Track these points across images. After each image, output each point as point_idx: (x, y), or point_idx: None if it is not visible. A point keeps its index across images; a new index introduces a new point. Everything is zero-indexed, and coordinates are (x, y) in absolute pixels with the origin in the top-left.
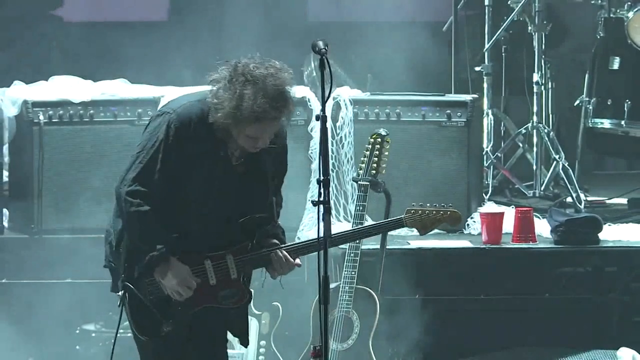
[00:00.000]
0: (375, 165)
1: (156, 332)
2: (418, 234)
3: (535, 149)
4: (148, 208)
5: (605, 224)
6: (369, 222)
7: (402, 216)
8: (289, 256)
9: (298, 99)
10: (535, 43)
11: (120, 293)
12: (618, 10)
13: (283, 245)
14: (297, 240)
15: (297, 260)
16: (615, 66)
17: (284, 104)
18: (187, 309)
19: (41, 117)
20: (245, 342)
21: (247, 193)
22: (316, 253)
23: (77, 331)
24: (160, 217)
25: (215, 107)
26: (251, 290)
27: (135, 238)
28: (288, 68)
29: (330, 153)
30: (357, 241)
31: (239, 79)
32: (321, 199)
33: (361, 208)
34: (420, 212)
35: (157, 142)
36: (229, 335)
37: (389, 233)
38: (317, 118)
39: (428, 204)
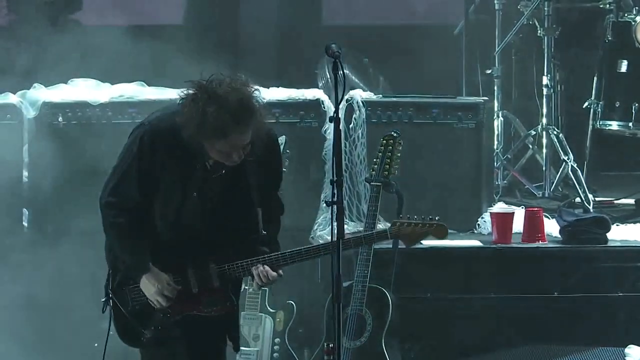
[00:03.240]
0: (387, 166)
1: (137, 340)
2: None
3: (544, 150)
4: (123, 220)
5: (613, 224)
6: (381, 222)
7: (388, 228)
8: (269, 269)
9: (312, 101)
10: (544, 46)
11: (103, 300)
12: (626, 15)
13: (267, 256)
14: (310, 240)
15: (280, 271)
16: (623, 69)
17: (248, 117)
18: (170, 316)
19: (60, 119)
20: (236, 348)
21: (229, 203)
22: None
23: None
24: (141, 227)
25: (182, 125)
26: (233, 298)
27: (114, 248)
28: (253, 83)
29: (343, 154)
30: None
31: (203, 96)
32: (334, 199)
33: (374, 208)
34: (406, 224)
35: (131, 155)
36: (242, 333)
37: None
38: (331, 120)
39: (415, 217)
